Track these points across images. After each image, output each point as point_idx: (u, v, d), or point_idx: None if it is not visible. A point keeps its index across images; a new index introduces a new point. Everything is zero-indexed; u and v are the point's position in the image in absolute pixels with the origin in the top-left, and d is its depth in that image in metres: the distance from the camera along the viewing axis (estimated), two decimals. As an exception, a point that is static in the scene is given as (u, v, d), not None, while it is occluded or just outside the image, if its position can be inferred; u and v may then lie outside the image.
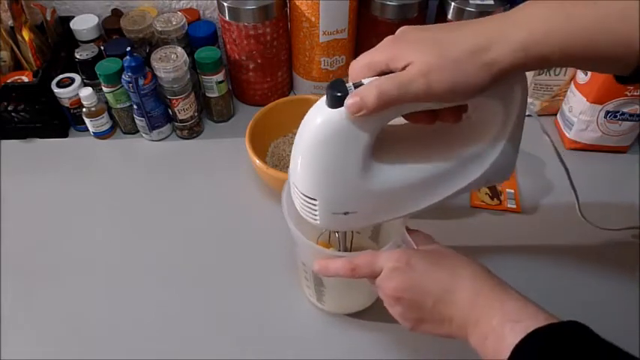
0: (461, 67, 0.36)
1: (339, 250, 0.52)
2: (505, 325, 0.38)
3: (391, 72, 0.38)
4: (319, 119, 0.39)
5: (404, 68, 0.37)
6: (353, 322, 0.59)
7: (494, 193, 0.71)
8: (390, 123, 0.40)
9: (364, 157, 0.40)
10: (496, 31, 0.37)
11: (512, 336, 0.37)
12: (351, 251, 0.49)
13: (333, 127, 0.39)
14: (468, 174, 0.45)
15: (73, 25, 0.84)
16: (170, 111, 0.79)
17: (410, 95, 0.36)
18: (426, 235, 0.48)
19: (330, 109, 0.39)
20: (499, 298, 0.40)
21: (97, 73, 0.76)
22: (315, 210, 0.43)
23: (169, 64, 0.74)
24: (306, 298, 0.61)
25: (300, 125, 0.42)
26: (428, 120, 0.42)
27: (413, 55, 0.37)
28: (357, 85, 0.38)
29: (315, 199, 0.43)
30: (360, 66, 0.40)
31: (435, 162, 0.44)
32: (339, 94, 0.38)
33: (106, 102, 0.80)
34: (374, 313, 0.58)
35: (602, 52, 0.36)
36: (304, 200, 0.43)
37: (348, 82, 0.39)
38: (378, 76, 0.38)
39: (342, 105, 0.38)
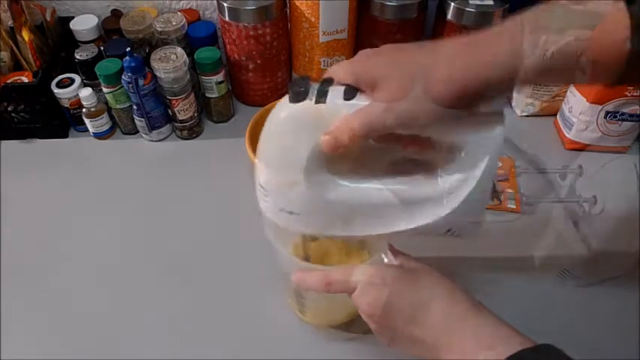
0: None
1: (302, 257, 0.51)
2: (479, 353, 0.38)
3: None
4: (280, 112, 0.41)
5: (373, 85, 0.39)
6: (337, 335, 0.58)
7: (494, 194, 0.71)
8: None
9: (313, 156, 0.41)
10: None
11: None
12: (309, 260, 0.49)
13: (288, 119, 0.41)
14: (424, 213, 0.42)
15: (73, 25, 0.84)
16: (170, 111, 0.79)
17: (381, 130, 0.39)
18: (408, 256, 0.47)
19: (290, 104, 0.40)
20: (472, 322, 0.40)
21: (97, 73, 0.76)
22: (266, 200, 0.44)
23: (169, 64, 0.74)
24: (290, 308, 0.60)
25: None
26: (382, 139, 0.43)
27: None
28: (323, 82, 0.40)
29: (264, 188, 0.43)
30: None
31: (388, 190, 0.43)
32: (300, 89, 0.40)
33: (106, 102, 0.80)
34: (357, 325, 0.57)
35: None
36: (259, 188, 0.44)
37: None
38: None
39: (301, 100, 0.40)
